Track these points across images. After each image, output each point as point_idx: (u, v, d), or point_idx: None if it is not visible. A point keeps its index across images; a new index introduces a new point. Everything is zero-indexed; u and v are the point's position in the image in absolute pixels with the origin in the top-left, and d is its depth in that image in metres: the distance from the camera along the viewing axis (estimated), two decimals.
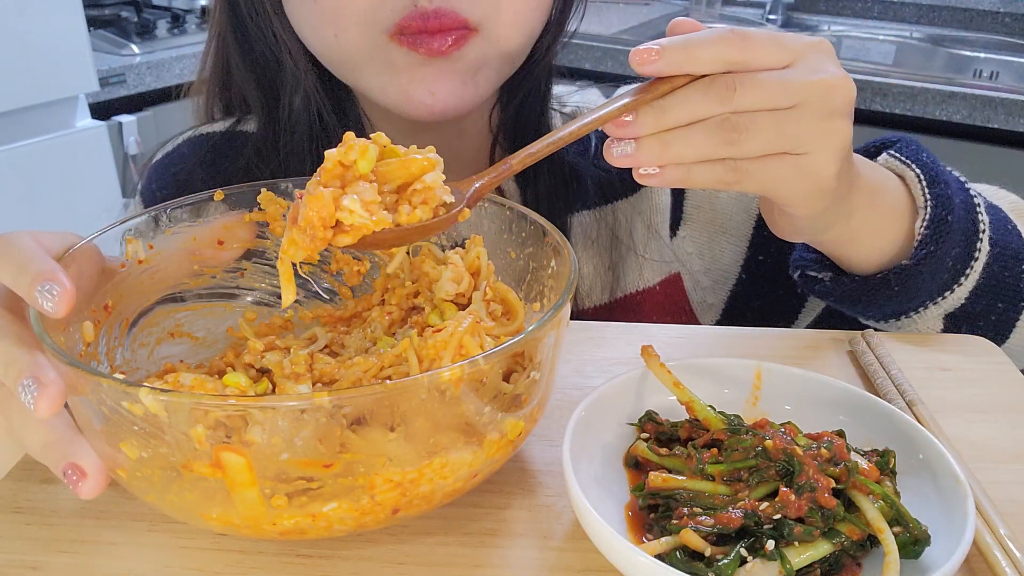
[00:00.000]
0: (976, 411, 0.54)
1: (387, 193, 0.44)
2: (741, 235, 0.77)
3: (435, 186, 0.43)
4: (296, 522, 0.38)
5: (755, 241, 0.76)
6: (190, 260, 0.52)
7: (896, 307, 0.61)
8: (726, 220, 0.77)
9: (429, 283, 0.51)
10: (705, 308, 0.80)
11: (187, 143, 0.80)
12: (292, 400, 0.37)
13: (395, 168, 0.43)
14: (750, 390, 0.51)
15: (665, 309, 0.78)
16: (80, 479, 0.39)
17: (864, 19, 2.44)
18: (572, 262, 0.45)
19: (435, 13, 0.58)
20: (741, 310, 0.79)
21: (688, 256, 0.78)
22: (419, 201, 0.43)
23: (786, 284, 0.73)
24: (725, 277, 0.79)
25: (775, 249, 0.74)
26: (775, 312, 0.78)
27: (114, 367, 0.47)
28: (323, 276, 0.57)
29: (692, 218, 0.77)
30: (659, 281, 0.78)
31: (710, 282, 0.79)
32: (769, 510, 0.40)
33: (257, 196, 0.52)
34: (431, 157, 0.44)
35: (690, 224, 0.77)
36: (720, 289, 0.79)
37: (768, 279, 0.76)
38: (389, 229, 0.42)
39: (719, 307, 0.80)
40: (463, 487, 0.41)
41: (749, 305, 0.79)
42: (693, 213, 0.77)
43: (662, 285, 0.78)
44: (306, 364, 0.46)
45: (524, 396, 0.42)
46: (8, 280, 0.42)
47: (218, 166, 0.75)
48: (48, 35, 1.70)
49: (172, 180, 0.77)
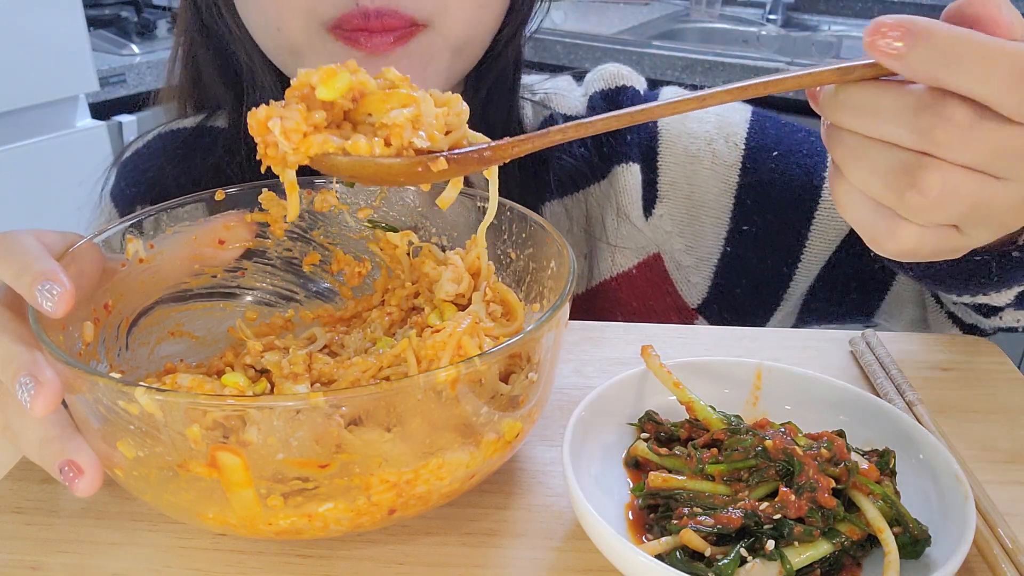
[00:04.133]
0: (976, 411, 0.54)
1: (367, 125, 0.42)
2: (722, 207, 0.73)
3: (400, 123, 0.41)
4: (292, 522, 0.38)
5: (737, 212, 0.73)
6: (191, 260, 0.52)
7: (984, 287, 0.55)
8: (704, 194, 0.74)
9: (429, 284, 0.51)
10: (690, 287, 0.77)
11: (158, 139, 0.79)
12: (287, 400, 0.36)
13: (374, 100, 0.42)
14: (750, 390, 0.51)
15: (646, 293, 0.76)
16: (77, 476, 0.39)
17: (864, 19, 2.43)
18: (571, 263, 0.45)
19: (376, 13, 0.56)
20: (729, 286, 0.76)
21: (667, 235, 0.75)
22: (383, 136, 0.41)
23: (775, 252, 0.72)
24: (709, 253, 0.75)
25: (760, 217, 0.73)
26: (766, 283, 0.75)
27: (114, 366, 0.47)
28: (324, 276, 0.57)
29: (668, 196, 0.74)
30: (635, 264, 0.76)
31: (693, 260, 0.76)
32: (769, 510, 0.40)
33: (258, 196, 0.52)
34: (415, 95, 0.42)
35: (666, 202, 0.75)
36: (704, 266, 0.76)
37: (755, 249, 0.74)
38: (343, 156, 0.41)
39: (704, 285, 0.77)
40: (460, 488, 0.41)
41: (738, 280, 0.76)
42: (669, 190, 0.74)
43: (640, 268, 0.76)
44: (305, 364, 0.46)
45: (522, 397, 0.42)
46: (9, 279, 0.42)
47: (189, 163, 0.74)
48: (48, 35, 1.70)
49: (142, 178, 0.76)
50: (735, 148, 0.73)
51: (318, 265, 0.56)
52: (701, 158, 0.73)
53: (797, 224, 0.72)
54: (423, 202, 0.56)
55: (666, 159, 0.74)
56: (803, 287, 0.74)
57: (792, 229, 0.72)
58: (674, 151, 0.74)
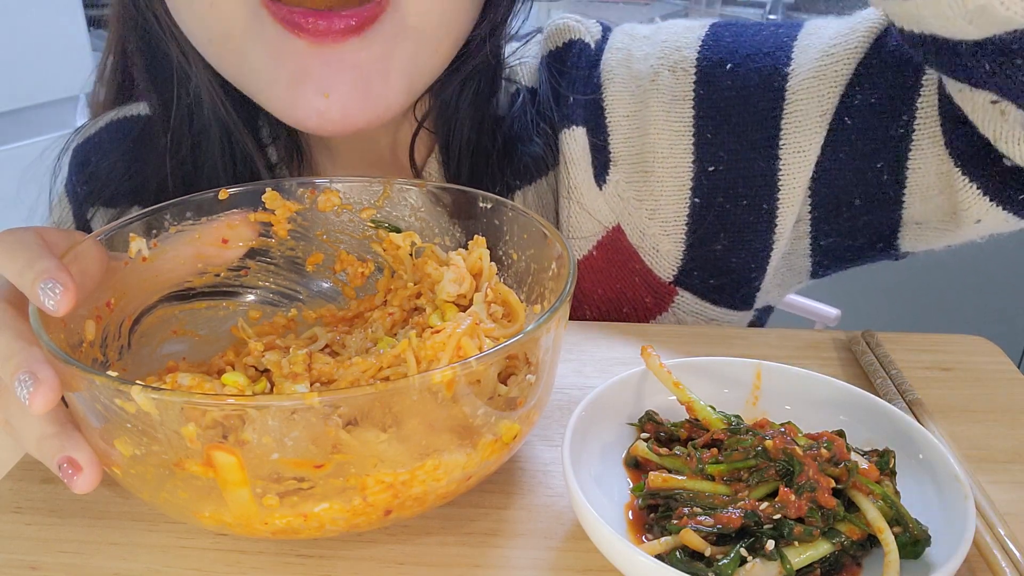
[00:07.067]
0: (976, 411, 0.54)
1: None
2: (681, 151, 0.62)
3: None
4: (288, 522, 0.38)
5: (699, 153, 0.62)
6: (194, 258, 0.52)
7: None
8: (657, 140, 0.62)
9: (431, 284, 0.51)
10: (660, 258, 0.66)
11: (108, 129, 0.73)
12: (282, 400, 0.37)
13: None
14: (750, 390, 0.51)
15: (611, 276, 0.67)
16: (75, 473, 0.39)
17: None
18: (571, 264, 0.45)
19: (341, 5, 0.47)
20: (707, 243, 0.65)
21: (625, 203, 0.64)
22: None
23: (750, 186, 0.61)
24: (676, 211, 0.64)
25: (725, 152, 0.61)
26: (748, 227, 0.63)
27: (116, 365, 0.47)
28: (327, 276, 0.57)
29: (622, 156, 0.64)
30: (594, 245, 0.66)
31: (658, 224, 0.65)
32: (769, 510, 0.40)
33: (262, 195, 0.52)
34: None
35: (620, 165, 0.64)
36: (673, 227, 0.65)
37: (728, 190, 0.62)
38: None
39: (678, 250, 0.65)
40: (456, 489, 0.41)
41: (715, 234, 0.64)
42: (622, 150, 0.64)
43: (600, 248, 0.66)
44: (305, 364, 0.46)
45: (520, 399, 0.42)
46: (12, 276, 0.42)
47: (139, 160, 0.69)
48: (48, 35, 1.70)
49: (93, 174, 0.72)
50: (684, 75, 0.62)
51: (321, 265, 0.56)
52: (648, 101, 0.62)
53: (765, 143, 0.60)
54: (425, 203, 0.56)
55: (614, 113, 0.64)
56: (790, 218, 0.62)
57: (761, 150, 0.60)
58: (622, 101, 0.63)
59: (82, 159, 0.75)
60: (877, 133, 0.58)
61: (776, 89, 0.59)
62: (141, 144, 0.70)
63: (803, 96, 0.59)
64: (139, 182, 0.64)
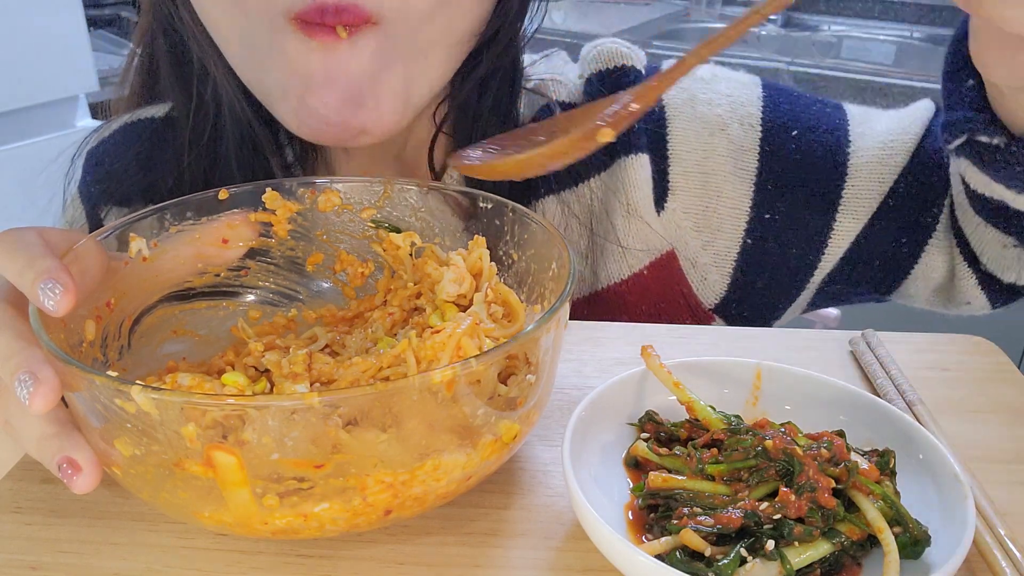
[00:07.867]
0: (976, 411, 0.54)
1: None
2: (740, 196, 0.69)
3: None
4: (288, 522, 0.38)
5: (758, 200, 0.68)
6: (194, 258, 0.52)
7: None
8: (721, 182, 0.69)
9: (431, 284, 0.51)
10: (706, 287, 0.72)
11: (122, 131, 0.75)
12: (282, 400, 0.36)
13: None
14: (750, 390, 0.51)
15: (657, 295, 0.71)
16: (75, 473, 0.39)
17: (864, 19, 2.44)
18: (571, 265, 0.45)
19: (335, 9, 0.51)
20: (750, 281, 0.71)
21: (681, 231, 0.70)
22: None
23: (800, 239, 0.69)
24: (728, 247, 0.70)
25: (783, 204, 0.68)
26: (789, 274, 0.71)
27: (115, 364, 0.47)
28: (327, 276, 0.57)
29: (681, 187, 0.69)
30: (647, 265, 0.70)
31: (710, 256, 0.71)
32: (769, 510, 0.40)
33: (262, 195, 0.52)
34: None
35: (679, 194, 0.69)
36: (723, 262, 0.71)
37: (778, 239, 0.69)
38: None
39: (723, 283, 0.71)
40: (456, 489, 0.41)
41: (759, 274, 0.71)
42: (681, 182, 0.69)
43: (651, 269, 0.70)
44: (305, 364, 0.46)
45: (520, 399, 0.42)
46: (12, 276, 0.42)
47: (153, 160, 0.71)
48: (48, 35, 1.70)
49: (106, 175, 0.74)
50: (751, 130, 0.69)
51: (321, 265, 0.56)
52: (715, 144, 0.69)
53: (824, 206, 0.68)
54: (427, 203, 0.56)
55: (677, 147, 0.69)
56: (826, 272, 0.71)
57: (819, 212, 0.68)
58: (686, 138, 0.69)
59: (96, 160, 0.76)
60: (911, 217, 0.68)
61: (840, 164, 0.68)
62: (155, 145, 0.72)
63: (865, 173, 0.68)
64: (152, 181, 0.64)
